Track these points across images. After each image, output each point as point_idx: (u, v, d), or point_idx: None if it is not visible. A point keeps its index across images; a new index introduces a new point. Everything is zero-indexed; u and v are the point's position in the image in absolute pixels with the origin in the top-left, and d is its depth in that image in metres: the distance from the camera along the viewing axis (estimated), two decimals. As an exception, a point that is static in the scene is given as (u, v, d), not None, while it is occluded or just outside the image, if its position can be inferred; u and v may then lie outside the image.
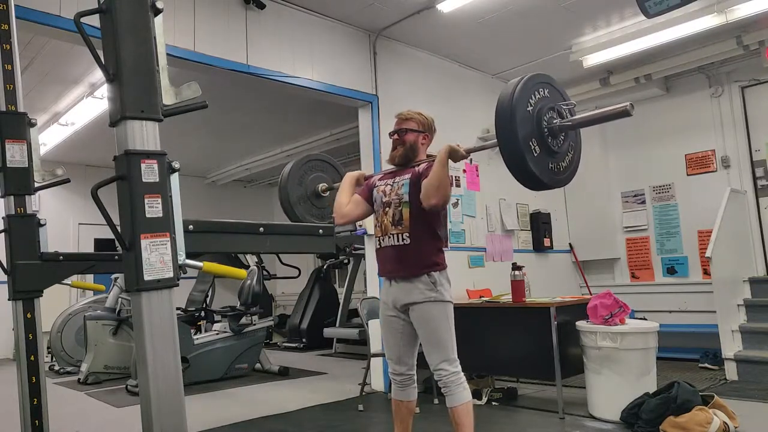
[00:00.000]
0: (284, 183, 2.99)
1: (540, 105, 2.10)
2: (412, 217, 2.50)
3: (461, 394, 2.40)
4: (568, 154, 2.22)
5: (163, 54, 1.50)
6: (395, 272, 2.55)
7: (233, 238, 2.20)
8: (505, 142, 2.06)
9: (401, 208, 2.53)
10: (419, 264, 2.49)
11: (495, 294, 4.92)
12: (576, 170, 2.27)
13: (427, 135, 2.69)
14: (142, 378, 1.39)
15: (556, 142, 2.12)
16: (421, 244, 2.50)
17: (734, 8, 4.68)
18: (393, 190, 2.60)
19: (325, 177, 3.13)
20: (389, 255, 2.56)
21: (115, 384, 5.52)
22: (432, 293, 2.46)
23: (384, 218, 2.59)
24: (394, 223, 2.54)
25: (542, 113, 2.09)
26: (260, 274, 6.32)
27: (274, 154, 8.56)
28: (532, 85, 2.11)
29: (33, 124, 2.29)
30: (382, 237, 2.59)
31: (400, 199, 2.54)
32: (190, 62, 3.97)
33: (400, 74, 5.29)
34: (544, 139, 2.08)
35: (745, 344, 4.68)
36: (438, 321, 2.46)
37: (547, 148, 2.09)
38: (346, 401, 4.45)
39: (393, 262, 2.55)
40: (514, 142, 2.02)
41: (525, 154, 2.02)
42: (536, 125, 2.07)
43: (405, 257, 2.50)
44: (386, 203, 2.60)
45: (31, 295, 2.17)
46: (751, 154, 5.66)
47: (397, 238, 2.52)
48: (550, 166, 2.11)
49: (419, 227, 2.50)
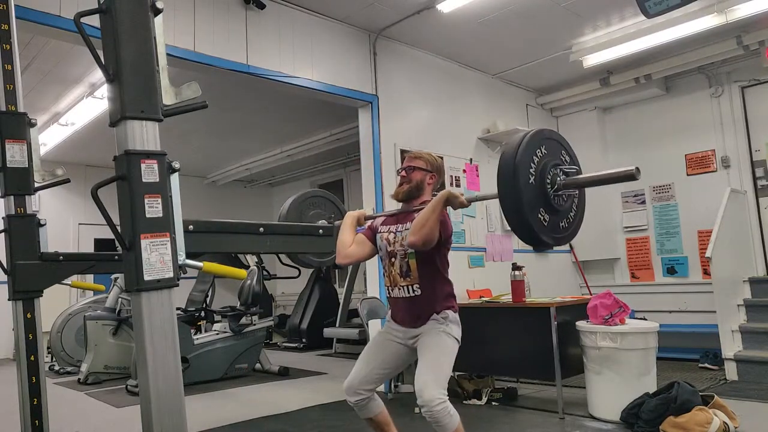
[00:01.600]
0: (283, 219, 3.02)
1: (544, 162, 2.03)
2: (419, 268, 2.49)
3: (451, 421, 2.35)
4: (571, 212, 2.18)
5: (163, 54, 1.50)
6: (411, 323, 2.53)
7: (233, 238, 2.20)
8: (508, 203, 1.99)
9: (407, 260, 2.51)
10: (430, 311, 2.49)
11: (495, 294, 4.91)
12: (578, 229, 2.23)
13: (434, 175, 2.67)
14: (142, 378, 1.39)
15: (559, 200, 2.07)
16: (431, 292, 2.49)
17: (734, 8, 4.68)
18: (397, 240, 2.56)
19: (324, 213, 3.16)
20: (401, 306, 2.56)
21: (115, 384, 5.52)
22: (443, 326, 2.46)
23: (392, 269, 2.57)
24: (403, 275, 2.52)
25: (546, 172, 2.02)
26: (260, 274, 6.32)
27: (274, 154, 8.56)
28: (535, 142, 2.04)
29: (33, 124, 2.29)
30: (392, 287, 2.58)
31: (405, 251, 2.52)
32: (190, 62, 3.96)
33: (400, 74, 5.28)
34: (548, 200, 2.03)
35: (745, 344, 4.68)
36: (443, 347, 2.44)
37: (550, 207, 2.04)
38: (346, 401, 4.44)
39: (405, 314, 2.55)
40: (517, 204, 1.96)
41: (528, 218, 1.96)
42: (539, 185, 2.01)
43: (417, 307, 2.50)
44: (392, 253, 2.57)
45: (31, 295, 2.17)
46: (751, 154, 5.66)
47: (408, 290, 2.51)
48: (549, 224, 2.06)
49: (428, 276, 2.49)
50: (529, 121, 6.44)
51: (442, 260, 2.54)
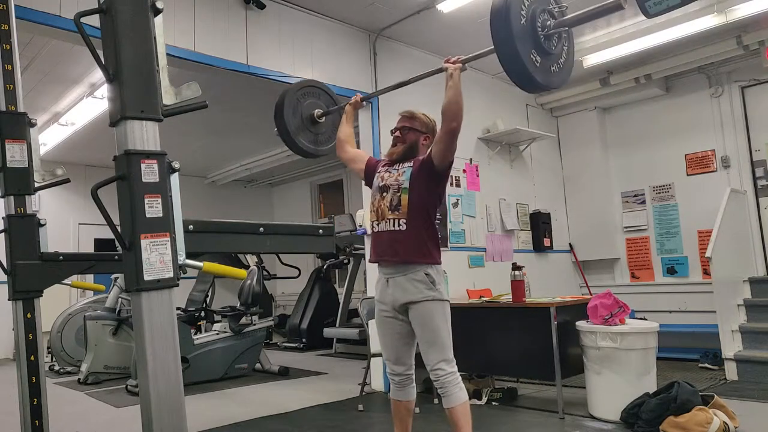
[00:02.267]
0: (280, 105, 3.00)
1: (533, 7, 2.17)
2: (410, 204, 2.51)
3: (458, 395, 2.41)
4: (562, 58, 2.30)
5: (163, 54, 1.50)
6: (388, 257, 2.54)
7: (233, 238, 2.20)
8: (500, 43, 2.13)
9: (400, 194, 2.54)
10: (413, 251, 2.48)
11: (495, 294, 4.91)
12: (569, 74, 2.37)
13: (429, 136, 2.70)
14: (142, 378, 1.39)
15: (549, 43, 2.20)
16: (416, 232, 2.50)
17: (734, 8, 4.68)
18: (393, 176, 2.61)
19: (320, 103, 3.17)
20: (383, 239, 2.56)
21: (115, 384, 5.52)
22: (431, 292, 2.46)
23: (381, 203, 2.59)
24: (392, 209, 2.54)
25: (536, 16, 2.17)
26: (260, 274, 6.32)
27: (274, 154, 8.56)
28: None
29: (33, 124, 2.29)
30: (378, 221, 2.59)
31: (399, 185, 2.56)
32: (190, 62, 3.97)
33: (400, 74, 5.26)
34: (539, 41, 2.16)
35: (745, 344, 4.68)
36: (437, 320, 2.46)
37: (542, 49, 2.18)
38: (346, 401, 4.45)
39: (386, 247, 2.54)
40: (509, 43, 2.10)
41: (521, 55, 2.10)
42: (530, 28, 2.15)
43: (400, 243, 2.50)
44: (383, 188, 2.61)
45: (31, 295, 2.17)
46: (751, 154, 5.66)
47: (394, 223, 2.52)
48: (536, 59, 2.18)
49: (416, 215, 2.51)
50: (529, 121, 6.44)
51: (435, 202, 2.58)
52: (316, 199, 10.31)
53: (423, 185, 2.54)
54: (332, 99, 3.27)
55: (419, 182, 2.53)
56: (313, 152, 3.16)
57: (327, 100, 3.25)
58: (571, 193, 6.74)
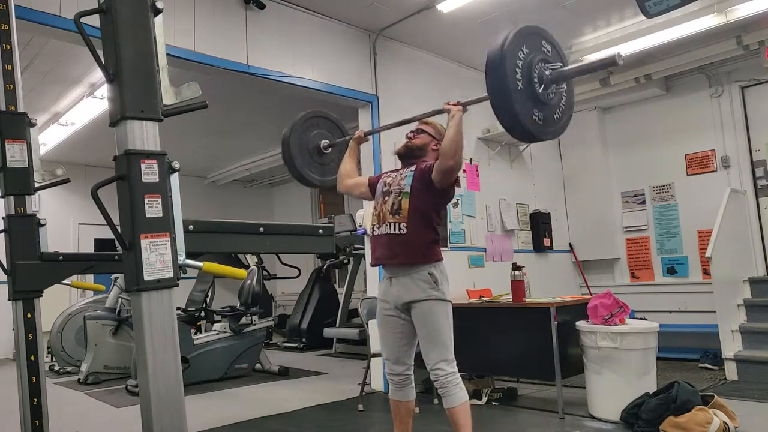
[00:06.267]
0: (287, 137, 2.99)
1: (531, 57, 2.10)
2: (411, 208, 2.52)
3: (458, 395, 2.41)
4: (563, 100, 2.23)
5: (163, 54, 1.50)
6: (389, 260, 2.55)
7: (233, 238, 2.19)
8: (504, 117, 2.09)
9: (401, 198, 2.55)
10: (413, 253, 2.49)
11: (495, 294, 4.91)
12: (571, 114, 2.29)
13: (439, 143, 2.70)
14: (142, 378, 1.39)
15: (548, 93, 2.13)
16: (416, 235, 2.51)
17: (734, 8, 4.68)
18: (395, 180, 2.64)
19: (326, 133, 3.15)
20: (383, 242, 2.57)
21: (115, 384, 5.52)
22: (434, 291, 2.47)
23: (382, 207, 2.61)
24: (392, 212, 2.55)
25: (532, 69, 2.09)
26: (260, 274, 6.32)
27: (274, 154, 8.54)
28: (515, 46, 2.09)
29: (33, 124, 2.29)
30: (378, 225, 2.61)
31: (401, 189, 2.57)
32: (190, 62, 3.96)
33: (400, 74, 5.28)
34: (538, 98, 2.09)
35: (745, 344, 4.68)
36: (440, 319, 2.47)
37: (542, 104, 2.11)
38: (346, 401, 4.45)
39: (386, 249, 2.55)
40: (512, 114, 2.05)
41: (527, 125, 2.04)
42: (528, 87, 2.08)
43: (399, 246, 2.51)
44: (386, 192, 2.63)
45: (31, 295, 2.17)
46: (751, 154, 5.66)
47: (394, 227, 2.53)
48: (538, 117, 2.12)
49: (417, 219, 2.52)
50: (529, 121, 6.43)
51: (437, 207, 2.59)
52: (316, 199, 10.31)
53: (423, 191, 2.55)
54: (338, 127, 3.25)
55: (420, 188, 2.55)
56: (320, 183, 3.17)
57: (332, 127, 3.22)
58: (571, 193, 6.74)
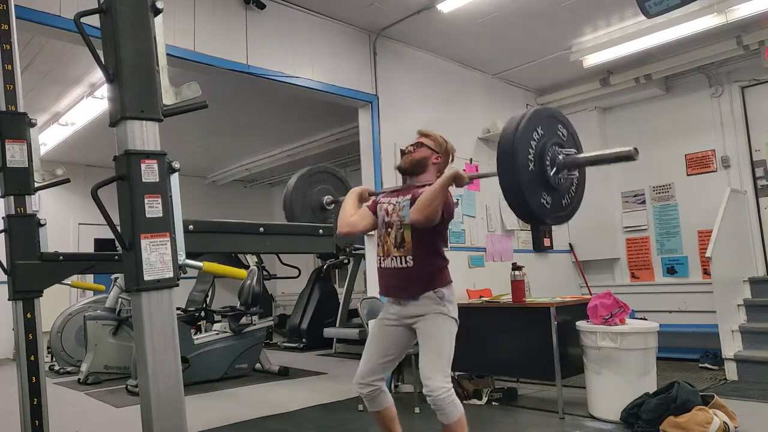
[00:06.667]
0: (289, 195, 2.98)
1: (542, 143, 2.02)
2: (414, 240, 2.48)
3: (454, 410, 2.36)
4: (573, 186, 2.16)
5: (163, 54, 1.50)
6: (397, 292, 2.53)
7: (233, 238, 2.19)
8: (511, 194, 1.99)
9: (402, 231, 2.51)
10: (422, 284, 2.48)
11: (495, 294, 4.91)
12: (580, 202, 2.21)
13: (440, 156, 2.67)
14: (142, 378, 1.39)
15: (557, 178, 2.05)
16: (423, 266, 2.48)
17: (734, 8, 4.67)
18: (395, 210, 2.57)
19: (330, 189, 3.12)
20: (391, 275, 2.55)
21: (115, 384, 5.52)
22: (441, 308, 2.46)
23: (387, 239, 2.57)
24: (397, 246, 2.51)
25: (545, 152, 2.01)
26: (260, 274, 6.32)
27: (274, 154, 8.56)
28: (531, 126, 2.02)
29: (33, 124, 2.29)
30: (384, 257, 2.57)
31: (401, 221, 2.52)
32: (190, 62, 3.96)
33: (400, 74, 5.28)
34: (549, 181, 2.01)
35: (745, 344, 4.68)
36: (443, 333, 2.44)
37: (551, 188, 2.02)
38: (346, 401, 4.45)
39: (394, 282, 2.54)
40: (519, 193, 1.95)
41: (531, 205, 1.94)
42: (539, 169, 1.99)
43: (407, 279, 2.49)
44: (388, 223, 2.58)
45: (31, 295, 2.17)
46: (751, 154, 5.66)
47: (400, 260, 2.50)
48: (547, 203, 2.03)
49: (421, 249, 2.48)
50: (529, 121, 6.43)
51: (439, 236, 2.54)
52: (316, 199, 10.29)
53: None
54: (341, 181, 3.23)
55: None
56: None
57: (334, 181, 3.20)
58: (571, 193, 6.73)
